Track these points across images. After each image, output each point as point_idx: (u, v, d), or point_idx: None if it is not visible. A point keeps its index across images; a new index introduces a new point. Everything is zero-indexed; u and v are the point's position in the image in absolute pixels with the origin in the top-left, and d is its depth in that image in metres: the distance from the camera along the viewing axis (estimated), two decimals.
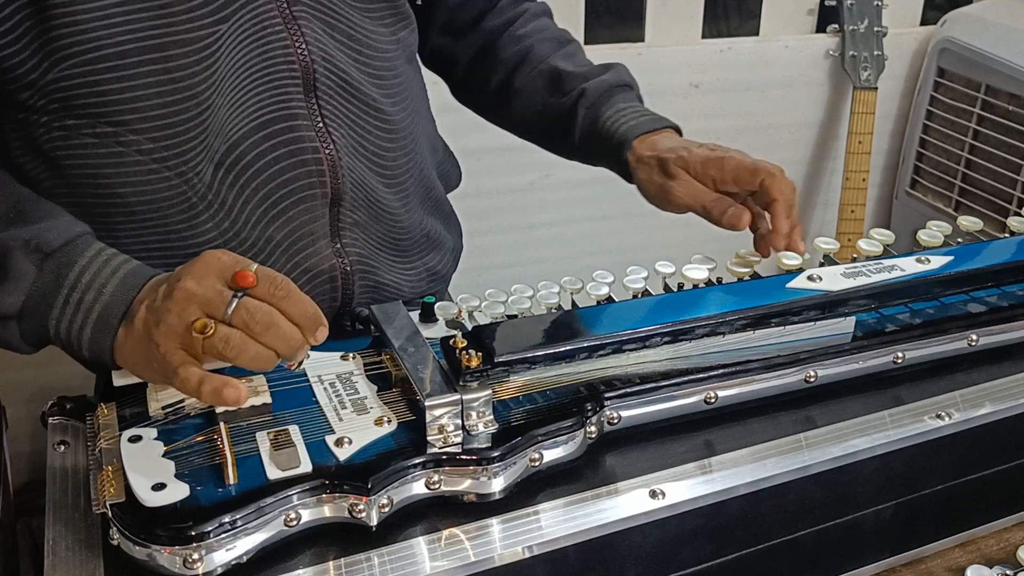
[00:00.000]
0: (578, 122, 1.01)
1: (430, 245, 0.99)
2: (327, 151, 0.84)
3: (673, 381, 0.72)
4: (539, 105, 1.05)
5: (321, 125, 0.84)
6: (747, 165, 0.89)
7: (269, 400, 0.69)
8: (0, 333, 0.71)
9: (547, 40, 1.07)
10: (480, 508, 0.64)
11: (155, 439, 0.65)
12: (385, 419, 0.67)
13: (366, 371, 0.73)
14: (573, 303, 0.80)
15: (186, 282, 0.64)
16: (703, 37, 1.88)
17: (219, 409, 0.67)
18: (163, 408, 0.68)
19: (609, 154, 1.00)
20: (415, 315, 0.80)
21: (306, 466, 0.62)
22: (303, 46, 0.82)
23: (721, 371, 0.73)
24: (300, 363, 0.69)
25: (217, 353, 0.63)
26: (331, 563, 0.60)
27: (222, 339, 0.63)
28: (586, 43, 1.79)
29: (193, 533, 0.58)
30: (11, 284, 0.69)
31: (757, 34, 1.93)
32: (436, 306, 0.80)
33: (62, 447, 0.72)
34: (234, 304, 0.64)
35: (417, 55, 1.00)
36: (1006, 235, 0.91)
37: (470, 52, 1.09)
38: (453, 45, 1.09)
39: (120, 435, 0.65)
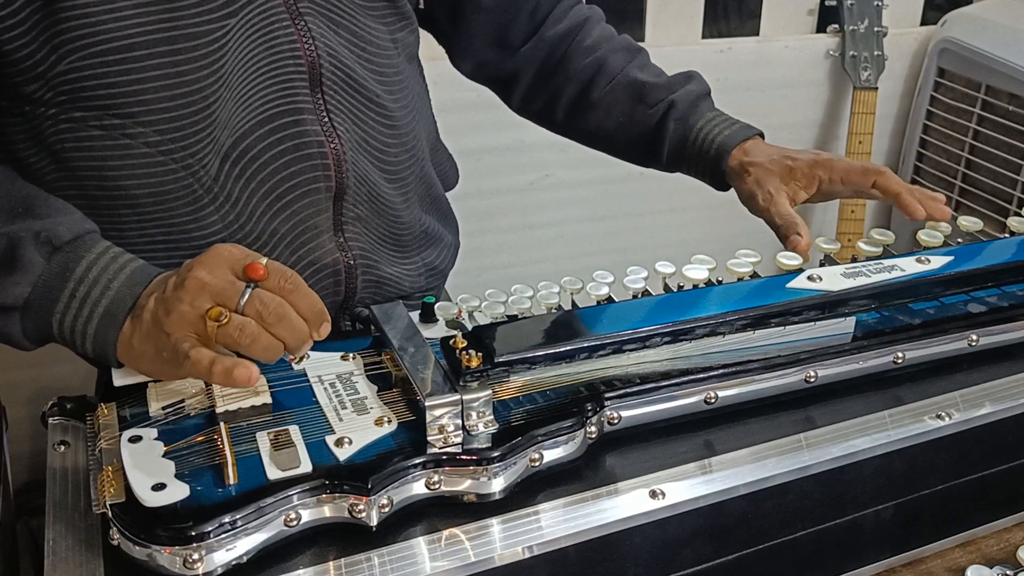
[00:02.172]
0: (668, 135, 1.03)
1: (428, 241, 1.00)
2: (332, 145, 0.85)
3: (673, 381, 0.72)
4: (622, 118, 1.05)
5: (327, 119, 0.85)
6: (856, 167, 0.94)
7: (269, 400, 0.69)
8: (2, 326, 0.71)
9: (619, 50, 1.07)
10: (480, 508, 0.64)
11: (155, 439, 0.65)
12: (385, 419, 0.67)
13: (366, 371, 0.73)
14: (573, 303, 0.80)
15: (198, 272, 0.65)
16: (703, 37, 1.88)
17: (219, 409, 0.67)
18: (163, 408, 0.68)
19: (704, 165, 1.02)
20: (415, 315, 0.80)
21: (306, 466, 0.62)
22: (309, 42, 0.83)
23: (721, 371, 0.73)
24: (301, 358, 0.69)
25: (231, 340, 0.64)
26: (331, 563, 0.60)
27: (237, 327, 0.63)
28: None
29: (193, 533, 0.58)
30: (19, 274, 0.69)
31: (757, 34, 1.93)
32: (436, 306, 0.80)
33: (62, 447, 0.72)
34: (247, 294, 0.64)
35: (419, 55, 1.01)
36: (1006, 235, 0.91)
37: (533, 65, 1.07)
38: (509, 60, 1.07)
39: (120, 435, 0.65)
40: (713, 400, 0.73)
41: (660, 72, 1.07)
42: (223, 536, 0.58)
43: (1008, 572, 0.76)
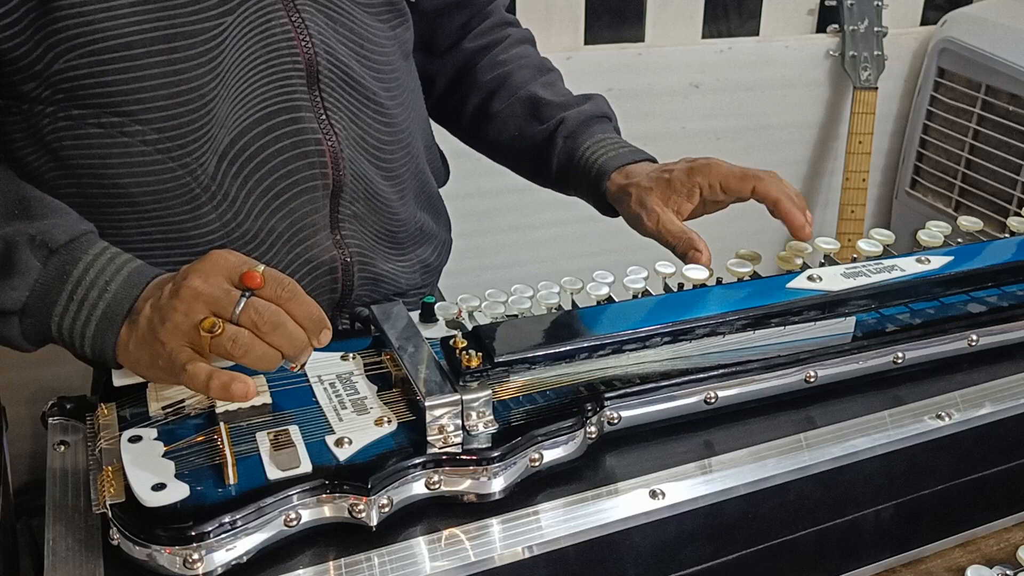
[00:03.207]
0: (556, 151, 1.02)
1: (423, 238, 1.00)
2: (329, 143, 0.85)
3: (673, 381, 0.72)
4: (516, 131, 1.05)
5: (324, 117, 0.85)
6: (736, 172, 0.88)
7: (269, 400, 0.69)
8: (1, 329, 0.71)
9: (528, 67, 1.07)
10: (480, 508, 0.64)
11: (155, 439, 0.65)
12: (385, 419, 0.67)
13: (366, 371, 0.73)
14: (573, 303, 0.80)
15: (193, 280, 0.65)
16: (703, 37, 1.88)
17: (219, 409, 0.67)
18: (163, 408, 0.68)
19: (586, 186, 1.00)
20: (415, 315, 0.80)
21: (306, 466, 0.62)
22: (307, 39, 0.83)
23: (721, 371, 0.73)
24: (303, 365, 0.69)
25: (224, 352, 0.63)
26: (331, 563, 0.60)
27: (230, 338, 0.63)
28: (586, 43, 1.79)
29: (193, 533, 0.58)
30: (16, 279, 0.69)
31: (757, 34, 1.93)
32: (436, 306, 0.80)
33: (62, 447, 0.72)
34: (242, 303, 0.64)
35: (412, 53, 1.01)
36: (1006, 235, 0.91)
37: (448, 72, 1.09)
38: (430, 64, 1.09)
39: (120, 435, 0.65)
40: (713, 400, 0.73)
41: (565, 93, 1.06)
42: (223, 536, 0.58)
43: (1008, 572, 0.76)
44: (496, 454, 0.64)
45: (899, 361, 0.78)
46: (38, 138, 0.78)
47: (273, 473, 0.61)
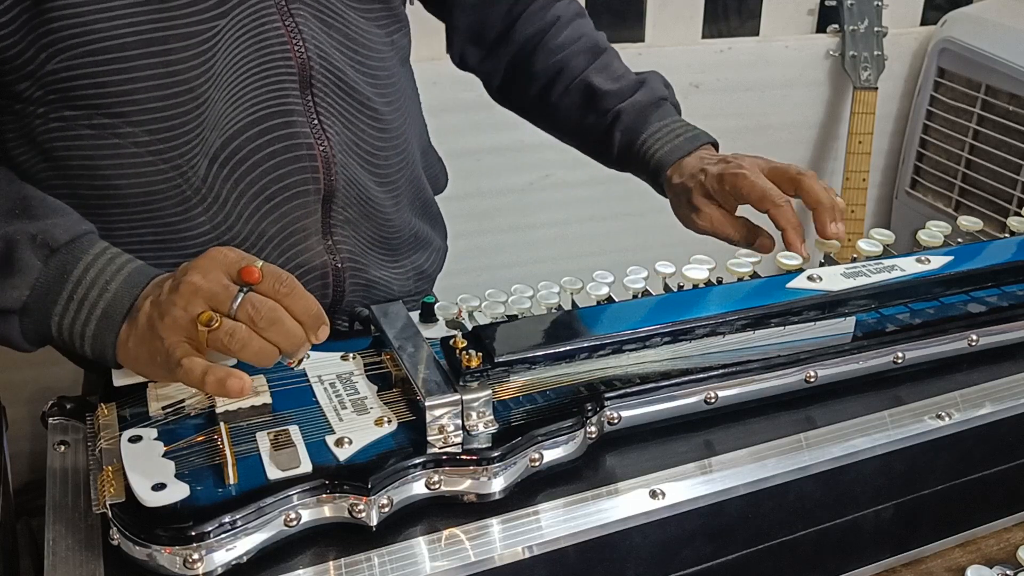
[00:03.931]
0: (615, 144, 1.03)
1: (418, 245, 1.00)
2: (321, 147, 0.85)
3: (673, 381, 0.72)
4: (576, 122, 1.06)
5: (316, 122, 0.85)
6: (757, 192, 0.88)
7: (269, 400, 0.69)
8: (1, 329, 0.71)
9: (581, 52, 1.06)
10: (480, 508, 0.64)
11: (155, 439, 0.65)
12: (385, 419, 0.67)
13: (366, 371, 0.73)
14: (573, 303, 0.80)
15: (192, 276, 0.65)
16: (703, 37, 1.88)
17: (219, 409, 0.67)
18: (163, 408, 0.68)
19: (647, 178, 1.02)
20: (415, 315, 0.80)
21: (306, 466, 0.62)
22: (300, 42, 0.82)
23: (721, 371, 0.73)
24: (300, 361, 0.69)
25: (221, 346, 0.63)
26: (331, 563, 0.60)
27: (227, 332, 0.63)
28: None
29: (193, 533, 0.58)
30: (17, 277, 0.69)
31: (757, 34, 1.93)
32: (436, 306, 0.80)
33: (62, 447, 0.72)
34: (239, 299, 0.64)
35: (410, 58, 1.01)
36: (1006, 235, 0.91)
37: (503, 65, 1.08)
38: (486, 58, 1.08)
39: (120, 435, 0.65)
40: (713, 400, 0.73)
41: (620, 75, 1.06)
42: (223, 536, 0.58)
43: (1008, 572, 0.76)
44: (496, 454, 0.64)
45: (899, 361, 0.78)
46: (31, 138, 0.78)
47: (273, 473, 0.61)
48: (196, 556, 0.58)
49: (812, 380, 0.76)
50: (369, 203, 0.91)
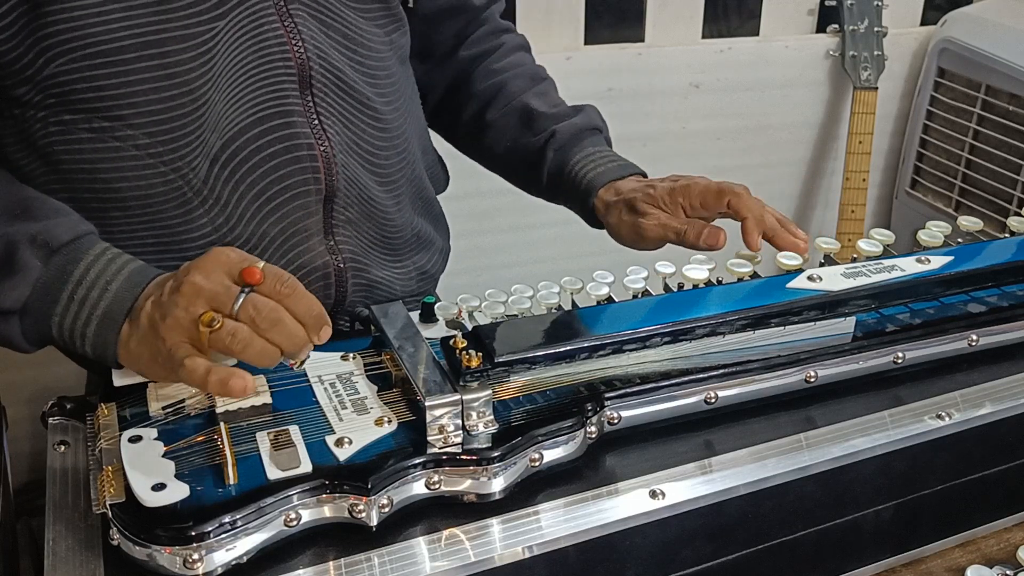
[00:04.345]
0: (547, 164, 1.03)
1: (420, 245, 1.00)
2: (322, 148, 0.85)
3: (673, 381, 0.72)
4: (509, 142, 1.06)
5: (316, 122, 0.85)
6: (712, 188, 0.89)
7: (269, 400, 0.69)
8: (1, 329, 0.71)
9: (522, 76, 1.07)
10: (480, 508, 0.64)
11: (155, 439, 0.65)
12: (385, 419, 0.67)
13: (366, 371, 0.73)
14: (573, 303, 0.80)
15: (194, 276, 0.65)
16: (703, 37, 1.88)
17: (219, 409, 0.67)
18: (163, 408, 0.68)
19: (575, 199, 1.01)
20: (415, 315, 0.80)
21: (306, 466, 0.62)
22: (299, 43, 0.82)
23: (721, 371, 0.73)
24: (302, 362, 0.69)
25: (223, 347, 0.63)
26: (331, 563, 0.60)
27: (229, 333, 0.63)
28: (586, 43, 1.79)
29: (193, 533, 0.58)
30: (17, 278, 0.69)
31: (757, 34, 1.93)
32: (436, 306, 0.80)
33: (62, 447, 0.72)
34: (241, 299, 0.64)
35: (408, 58, 1.00)
36: (1006, 235, 0.91)
37: (444, 82, 1.09)
38: (428, 73, 1.08)
39: (120, 435, 0.65)
40: (713, 400, 0.73)
41: (558, 103, 1.07)
42: (223, 536, 0.58)
43: (1008, 572, 0.76)
44: (496, 454, 0.64)
45: (899, 361, 0.78)
46: (30, 142, 0.78)
47: (273, 473, 0.61)
48: (196, 556, 0.58)
49: (812, 380, 0.76)
50: (370, 203, 0.91)
